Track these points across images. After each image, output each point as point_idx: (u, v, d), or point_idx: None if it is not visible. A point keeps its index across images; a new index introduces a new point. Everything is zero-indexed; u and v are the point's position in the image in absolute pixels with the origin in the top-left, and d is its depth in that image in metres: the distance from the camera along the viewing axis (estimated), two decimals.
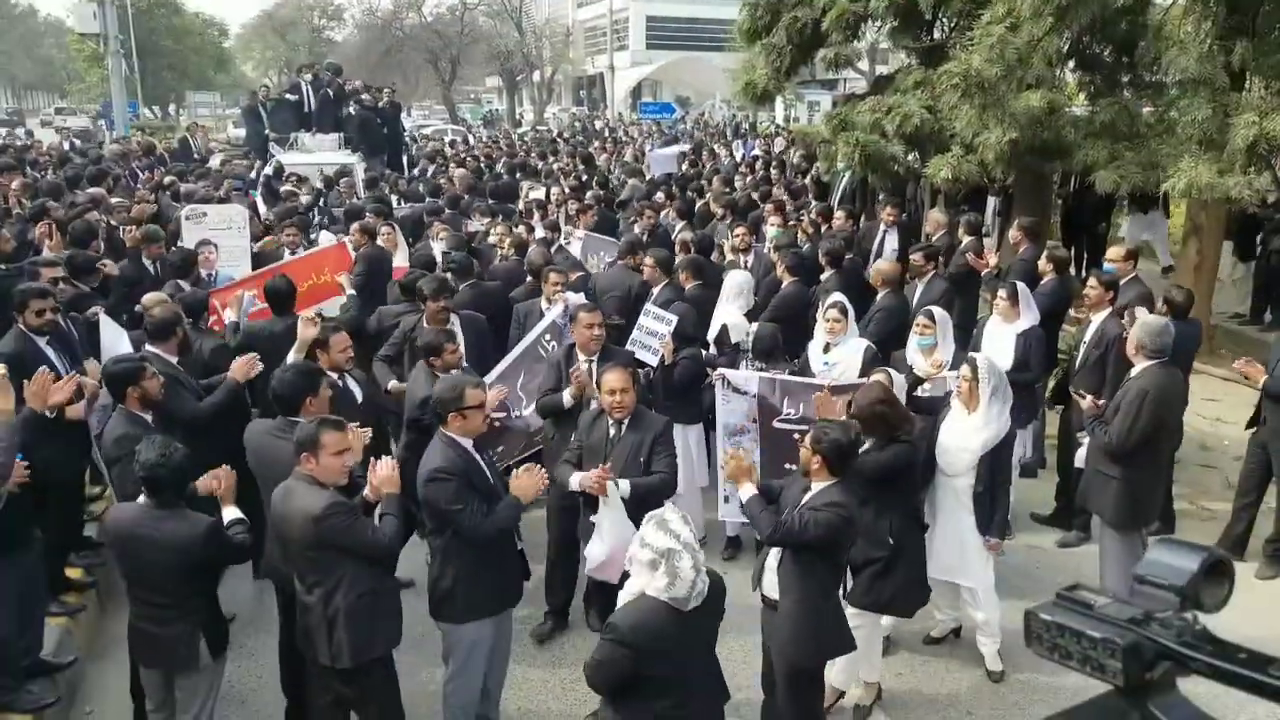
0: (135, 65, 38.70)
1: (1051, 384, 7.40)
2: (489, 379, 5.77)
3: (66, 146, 20.52)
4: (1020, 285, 6.66)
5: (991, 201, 12.68)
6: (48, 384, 4.42)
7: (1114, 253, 7.36)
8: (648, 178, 14.93)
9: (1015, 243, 8.42)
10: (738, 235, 8.80)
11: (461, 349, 5.71)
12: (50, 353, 5.43)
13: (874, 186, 12.52)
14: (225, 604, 4.84)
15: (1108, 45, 10.20)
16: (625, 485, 4.55)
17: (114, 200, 10.64)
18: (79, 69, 54.82)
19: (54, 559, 5.45)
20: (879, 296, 7.32)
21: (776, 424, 5.95)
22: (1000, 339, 6.36)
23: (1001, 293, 6.49)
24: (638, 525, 4.25)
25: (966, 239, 8.58)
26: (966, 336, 6.94)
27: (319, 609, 3.86)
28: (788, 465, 5.79)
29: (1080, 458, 5.68)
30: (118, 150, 18.47)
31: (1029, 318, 6.50)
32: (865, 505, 4.46)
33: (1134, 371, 5.38)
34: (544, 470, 4.41)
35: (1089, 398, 5.47)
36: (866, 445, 4.69)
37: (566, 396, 5.48)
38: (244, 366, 5.38)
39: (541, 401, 5.68)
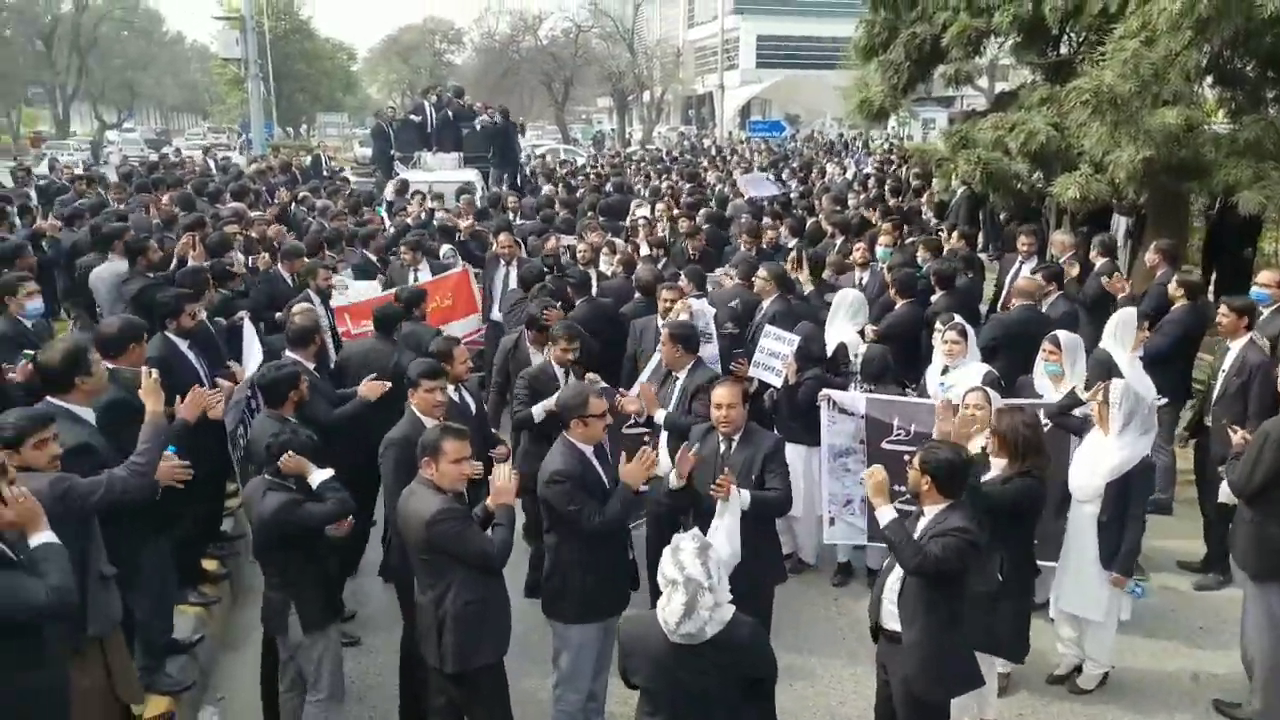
0: (271, 88, 40.79)
1: (1188, 416, 7.03)
2: (634, 391, 5.88)
3: (211, 164, 21.76)
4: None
5: (1122, 222, 12.14)
6: (203, 400, 4.74)
7: (1265, 277, 6.90)
8: (746, 196, 14.85)
9: (1152, 266, 8.05)
10: (857, 250, 8.71)
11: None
12: (190, 356, 5.76)
13: (994, 206, 12.18)
14: (350, 600, 5.05)
15: (1251, 60, 9.67)
16: (746, 495, 4.52)
17: (253, 215, 11.23)
18: (221, 92, 58.04)
19: (192, 551, 5.79)
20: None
21: (885, 445, 5.84)
22: (1134, 366, 6.08)
23: (1146, 323, 6.21)
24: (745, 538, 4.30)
25: (1101, 260, 8.25)
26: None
27: (430, 612, 4.00)
28: (897, 487, 5.66)
29: (1223, 493, 5.36)
30: (257, 168, 19.54)
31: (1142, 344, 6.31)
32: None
33: None
34: (653, 453, 4.42)
35: (1239, 432, 5.09)
36: (993, 472, 4.55)
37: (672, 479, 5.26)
38: (376, 388, 5.59)
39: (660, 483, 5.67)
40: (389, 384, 5.61)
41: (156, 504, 4.29)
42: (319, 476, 4.27)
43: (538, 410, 5.67)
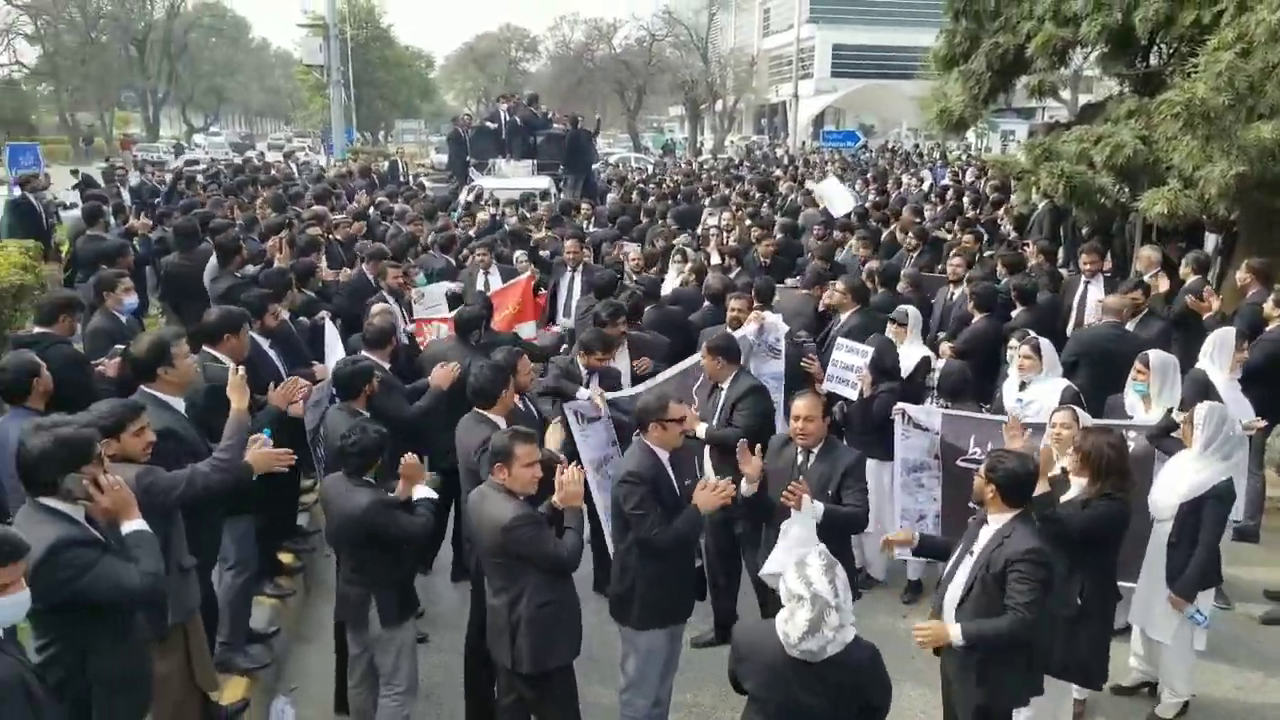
0: (352, 94, 41.79)
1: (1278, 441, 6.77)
2: (654, 382, 5.98)
3: (293, 168, 22.40)
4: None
5: (1211, 240, 11.74)
6: (295, 389, 4.99)
7: None
8: (820, 206, 14.71)
9: (1243, 285, 7.76)
10: (954, 264, 8.57)
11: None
12: (272, 355, 5.94)
13: (1076, 221, 11.87)
14: (420, 598, 5.12)
15: None
16: (819, 507, 4.47)
17: (335, 218, 11.53)
18: (303, 97, 59.74)
19: (269, 544, 5.94)
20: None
21: (960, 463, 5.73)
22: (1231, 387, 5.88)
23: (1246, 343, 6.01)
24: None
25: (1192, 278, 7.98)
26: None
27: (504, 614, 4.05)
28: (972, 504, 5.58)
29: None
30: (337, 172, 20.09)
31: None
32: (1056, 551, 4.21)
33: None
34: (730, 485, 4.40)
35: None
36: (1073, 492, 4.44)
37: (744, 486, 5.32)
38: (446, 374, 5.69)
39: None
40: (458, 368, 5.73)
41: (235, 495, 4.42)
42: (421, 493, 4.36)
43: (584, 393, 5.82)
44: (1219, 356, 6.01)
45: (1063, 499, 4.44)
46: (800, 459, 4.75)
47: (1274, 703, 5.23)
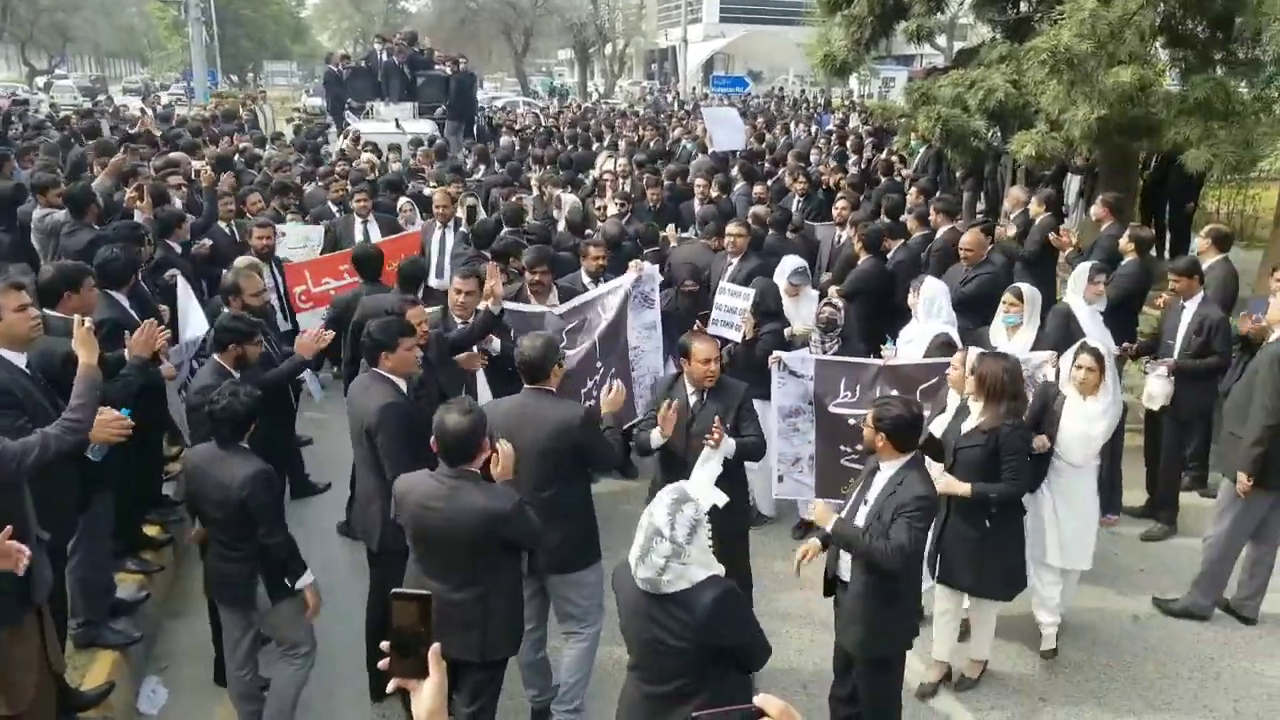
0: (215, 34, 39.27)
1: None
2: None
3: (149, 114, 20.98)
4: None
5: (1074, 181, 12.27)
6: (154, 334, 4.59)
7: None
8: (710, 150, 14.69)
9: (1098, 219, 8.16)
10: (839, 207, 8.69)
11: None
12: (133, 314, 5.56)
13: (950, 163, 12.21)
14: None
15: (1202, 21, 9.74)
16: (731, 444, 4.63)
17: (195, 165, 10.82)
18: (160, 37, 55.84)
19: (133, 515, 5.57)
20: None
21: (833, 408, 5.85)
22: (1094, 319, 6.14)
23: (1104, 276, 6.34)
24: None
25: (1043, 215, 8.32)
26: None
27: (474, 607, 3.78)
28: (843, 447, 5.84)
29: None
30: (200, 115, 18.94)
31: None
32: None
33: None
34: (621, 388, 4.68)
35: None
36: (973, 417, 4.61)
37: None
38: (310, 344, 5.37)
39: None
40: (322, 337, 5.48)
41: (92, 465, 4.17)
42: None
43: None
44: (1078, 288, 6.29)
45: (964, 427, 4.61)
46: (694, 400, 4.80)
47: (1129, 610, 5.66)
